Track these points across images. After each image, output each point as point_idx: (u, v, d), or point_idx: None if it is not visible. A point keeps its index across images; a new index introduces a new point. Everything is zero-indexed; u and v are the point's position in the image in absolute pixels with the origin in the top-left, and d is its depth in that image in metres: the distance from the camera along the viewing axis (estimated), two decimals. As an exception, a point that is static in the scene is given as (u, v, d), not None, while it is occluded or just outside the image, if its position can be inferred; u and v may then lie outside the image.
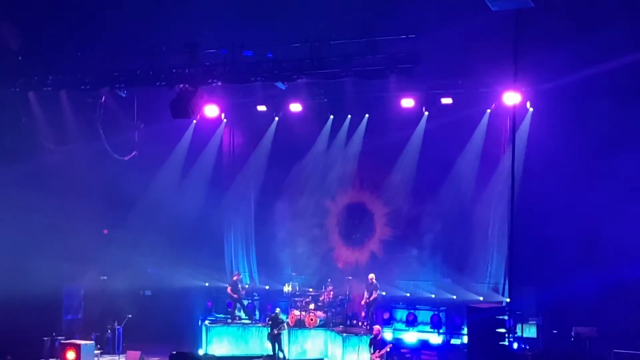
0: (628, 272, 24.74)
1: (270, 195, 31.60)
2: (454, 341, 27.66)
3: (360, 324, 28.01)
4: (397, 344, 27.52)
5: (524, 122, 26.96)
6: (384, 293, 28.87)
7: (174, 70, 25.81)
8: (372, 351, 24.74)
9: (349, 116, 30.43)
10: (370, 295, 27.70)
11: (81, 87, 27.08)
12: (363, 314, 28.34)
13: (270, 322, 27.23)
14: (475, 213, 28.30)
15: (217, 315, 30.75)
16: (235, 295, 29.73)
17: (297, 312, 28.36)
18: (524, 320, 25.89)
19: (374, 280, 27.86)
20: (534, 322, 26.34)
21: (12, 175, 26.92)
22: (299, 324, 28.16)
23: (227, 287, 30.19)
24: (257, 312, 29.94)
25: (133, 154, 31.28)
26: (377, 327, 25.62)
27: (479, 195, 28.17)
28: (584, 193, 25.41)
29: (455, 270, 28.57)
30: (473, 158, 28.27)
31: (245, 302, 30.57)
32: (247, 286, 30.63)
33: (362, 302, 28.05)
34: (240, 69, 25.29)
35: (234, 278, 30.14)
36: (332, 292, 28.76)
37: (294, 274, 30.59)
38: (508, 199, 24.48)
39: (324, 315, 28.41)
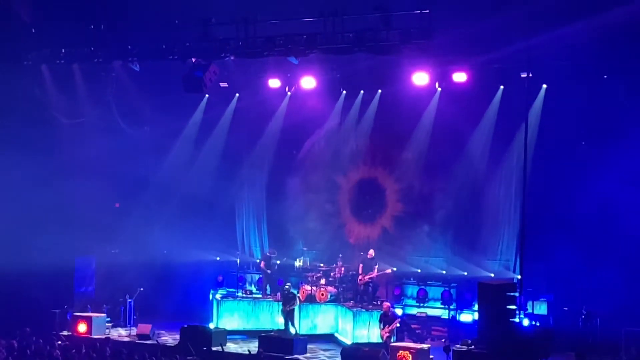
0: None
1: (282, 170, 31.53)
2: (464, 317, 27.69)
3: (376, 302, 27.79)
4: (408, 319, 27.61)
5: (537, 99, 26.79)
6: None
7: (186, 44, 25.78)
8: (382, 327, 24.75)
9: (362, 92, 30.23)
10: (373, 271, 27.70)
11: (94, 61, 27.12)
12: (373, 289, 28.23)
13: (282, 298, 27.28)
14: (487, 190, 28.19)
15: (227, 289, 30.81)
16: (268, 271, 29.79)
17: (308, 287, 28.38)
18: (534, 298, 26.01)
19: (373, 255, 27.98)
20: (545, 299, 26.32)
21: (25, 147, 26.98)
22: (310, 299, 28.18)
23: (260, 262, 30.34)
24: (268, 287, 29.94)
25: (145, 128, 31.39)
26: (386, 303, 25.57)
27: (491, 172, 28.05)
28: (596, 170, 25.31)
29: (466, 246, 28.48)
30: (486, 135, 28.11)
31: (257, 277, 30.73)
32: (279, 262, 30.45)
33: (367, 278, 27.85)
34: (253, 44, 25.24)
35: (268, 254, 30.21)
36: (343, 268, 28.74)
37: (305, 249, 30.61)
38: (520, 176, 24.35)
39: (335, 290, 28.42)
